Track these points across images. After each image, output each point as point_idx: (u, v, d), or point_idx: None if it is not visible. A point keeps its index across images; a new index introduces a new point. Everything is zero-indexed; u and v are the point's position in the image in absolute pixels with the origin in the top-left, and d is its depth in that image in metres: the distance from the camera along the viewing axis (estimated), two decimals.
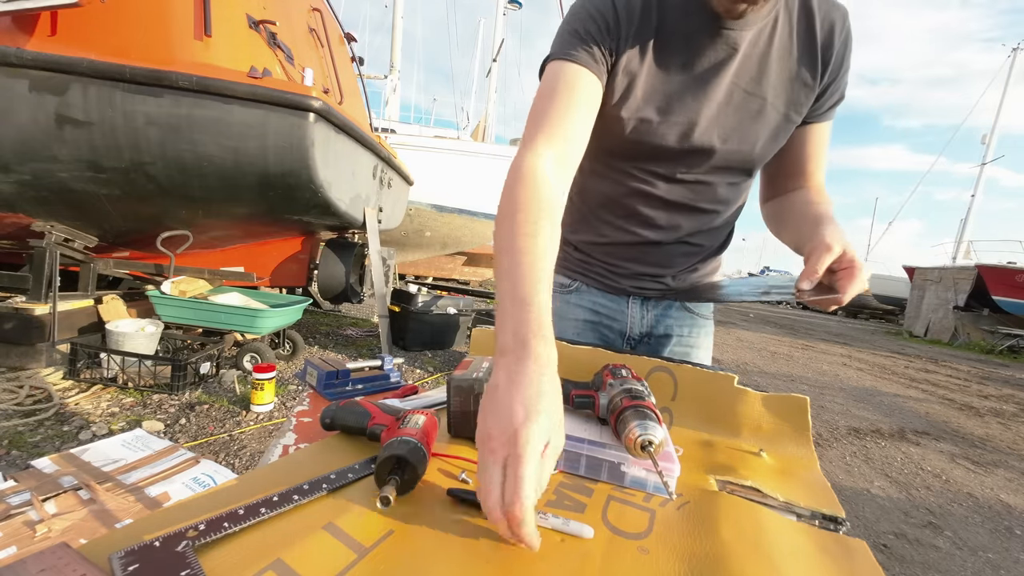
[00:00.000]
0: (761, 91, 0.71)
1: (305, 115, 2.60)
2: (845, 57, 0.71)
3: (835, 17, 0.70)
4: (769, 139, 0.74)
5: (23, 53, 2.32)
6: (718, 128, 0.72)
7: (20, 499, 1.27)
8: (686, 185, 0.78)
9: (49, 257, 2.68)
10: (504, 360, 0.45)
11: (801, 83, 0.71)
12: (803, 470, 0.62)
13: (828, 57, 0.70)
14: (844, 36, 0.71)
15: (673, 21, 0.68)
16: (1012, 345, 10.19)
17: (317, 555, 0.36)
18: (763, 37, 0.68)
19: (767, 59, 0.69)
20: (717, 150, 0.73)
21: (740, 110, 0.71)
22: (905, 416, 4.17)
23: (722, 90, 0.70)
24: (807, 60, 0.70)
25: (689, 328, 0.92)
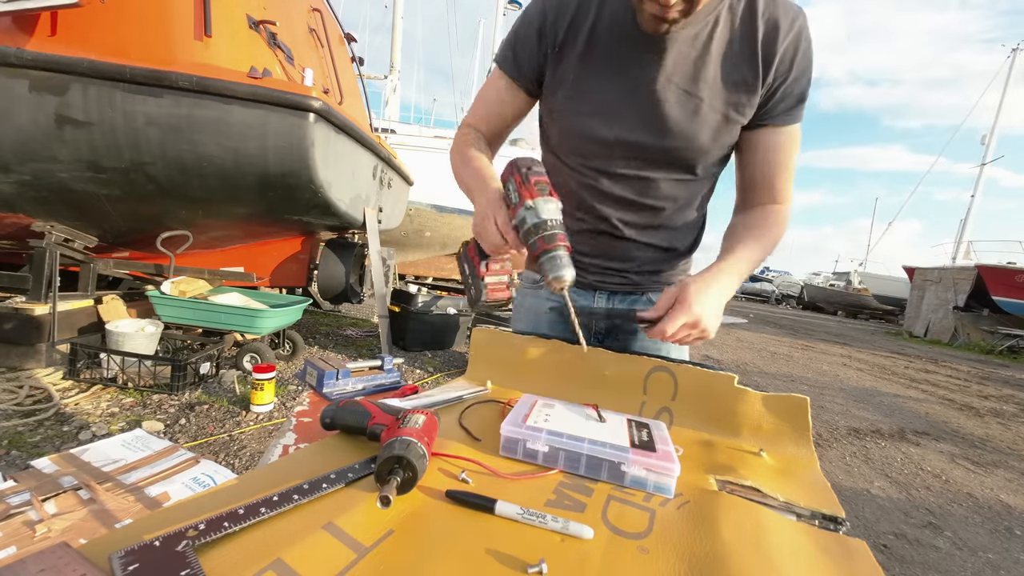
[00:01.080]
0: (697, 90, 0.73)
1: (305, 115, 2.60)
2: (796, 58, 0.72)
3: (780, 17, 0.71)
4: (709, 138, 0.76)
5: (23, 53, 2.32)
6: (649, 124, 0.75)
7: (20, 499, 1.26)
8: (627, 180, 0.81)
9: (49, 257, 2.67)
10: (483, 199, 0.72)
11: (741, 84, 0.73)
12: (803, 470, 0.62)
13: (770, 58, 0.71)
14: (793, 37, 0.71)
15: (608, 22, 0.74)
16: (1012, 345, 10.19)
17: (317, 555, 0.36)
18: (701, 38, 0.71)
19: (705, 59, 0.72)
20: (648, 145, 0.77)
21: (675, 108, 0.74)
22: (905, 416, 4.17)
23: (653, 88, 0.73)
24: (747, 61, 0.72)
25: None
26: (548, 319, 0.95)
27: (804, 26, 0.72)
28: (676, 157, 0.78)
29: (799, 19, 0.72)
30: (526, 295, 1.01)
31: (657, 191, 0.81)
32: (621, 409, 0.71)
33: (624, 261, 0.88)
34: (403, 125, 10.38)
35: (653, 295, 0.91)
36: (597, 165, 0.81)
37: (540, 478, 0.53)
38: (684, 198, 0.83)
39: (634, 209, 0.83)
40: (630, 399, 0.75)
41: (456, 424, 0.65)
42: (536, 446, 0.56)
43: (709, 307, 0.67)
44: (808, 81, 0.74)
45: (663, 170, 0.80)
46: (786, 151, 0.77)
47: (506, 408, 0.71)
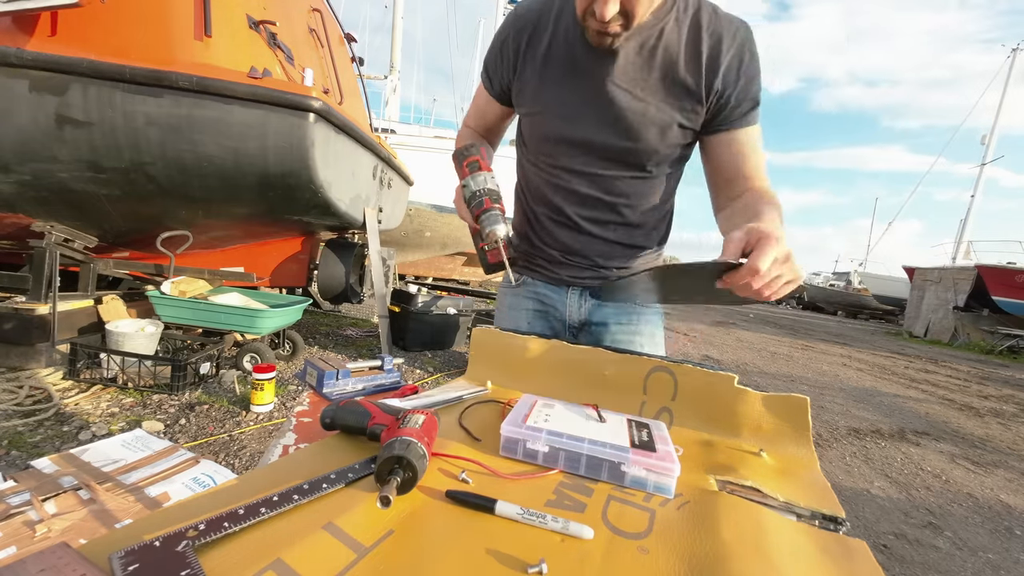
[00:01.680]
0: (644, 94, 0.80)
1: (305, 115, 2.60)
2: (741, 68, 0.77)
3: (724, 31, 0.77)
4: (656, 138, 0.82)
5: (23, 53, 2.32)
6: (601, 124, 0.82)
7: (20, 499, 1.26)
8: (586, 177, 0.88)
9: (49, 257, 2.67)
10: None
11: (684, 89, 0.79)
12: (803, 470, 0.62)
13: (716, 68, 0.77)
14: (736, 49, 0.77)
15: (563, 36, 0.82)
16: (1012, 345, 10.19)
17: (317, 555, 0.36)
18: (647, 47, 0.78)
19: (651, 66, 0.78)
20: (601, 143, 0.84)
21: (624, 110, 0.81)
22: (905, 416, 4.17)
23: (604, 91, 0.80)
24: (691, 70, 0.78)
25: (628, 317, 0.97)
26: (527, 316, 1.02)
27: (747, 38, 0.78)
28: (627, 155, 0.84)
29: (740, 31, 0.78)
30: (505, 294, 1.07)
31: (612, 187, 0.88)
32: (621, 409, 0.71)
33: (593, 257, 0.94)
34: (403, 125, 10.39)
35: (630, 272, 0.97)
36: (558, 163, 0.89)
37: (540, 478, 0.53)
38: (639, 194, 0.89)
39: (590, 204, 0.90)
40: (630, 399, 0.76)
41: (456, 424, 0.65)
42: (536, 446, 0.56)
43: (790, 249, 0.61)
44: (758, 87, 0.80)
45: (617, 168, 0.86)
46: (750, 147, 0.82)
47: (506, 408, 0.71)
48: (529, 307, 1.02)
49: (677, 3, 0.78)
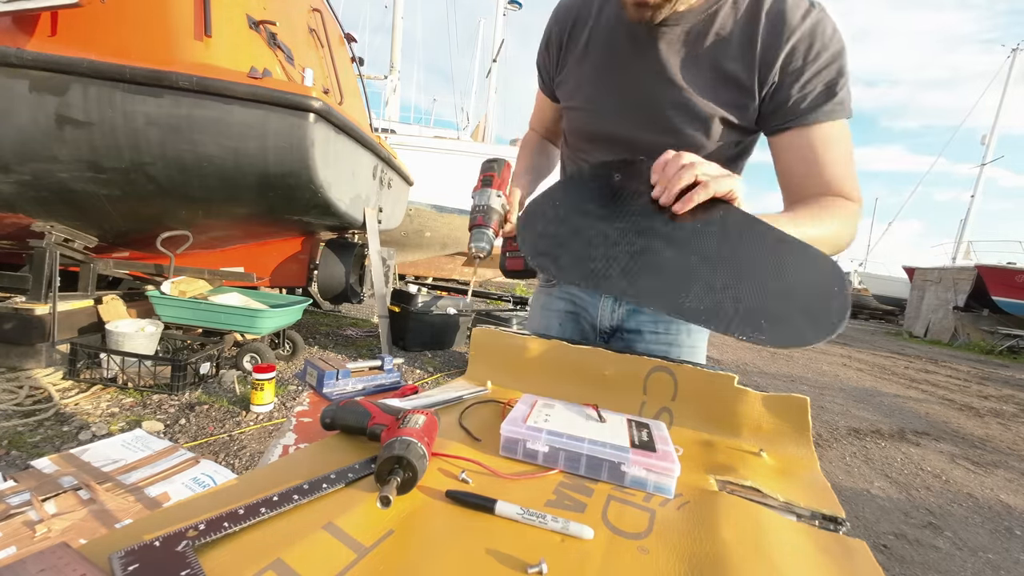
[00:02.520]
0: (685, 85, 0.72)
1: (305, 115, 2.60)
2: (809, 57, 0.67)
3: (788, 11, 0.67)
4: (699, 134, 0.74)
5: (23, 53, 2.32)
6: (633, 118, 0.77)
7: (20, 499, 1.26)
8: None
9: (49, 257, 2.67)
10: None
11: (734, 82, 0.70)
12: (803, 470, 0.62)
13: (773, 56, 0.67)
14: (803, 33, 0.67)
15: (603, 24, 0.78)
16: (1012, 345, 10.19)
17: (317, 555, 0.36)
18: (694, 34, 0.70)
19: (696, 55, 0.71)
20: (632, 138, 0.78)
21: (660, 103, 0.74)
22: (905, 416, 4.17)
23: (638, 83, 0.75)
24: (742, 59, 0.69)
25: (666, 325, 0.91)
26: (559, 318, 0.98)
27: (819, 19, 0.67)
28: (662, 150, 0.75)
29: (813, 12, 0.67)
30: (540, 294, 1.04)
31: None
32: (621, 409, 0.71)
33: None
34: (403, 125, 10.40)
35: None
36: (590, 158, 0.86)
37: (540, 478, 0.53)
38: None
39: None
40: (630, 399, 0.75)
41: (456, 424, 0.65)
42: (536, 446, 0.56)
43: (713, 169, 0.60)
44: (836, 73, 0.68)
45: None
46: (826, 149, 0.70)
47: (506, 408, 0.71)
48: (561, 308, 0.97)
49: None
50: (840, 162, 0.70)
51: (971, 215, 17.95)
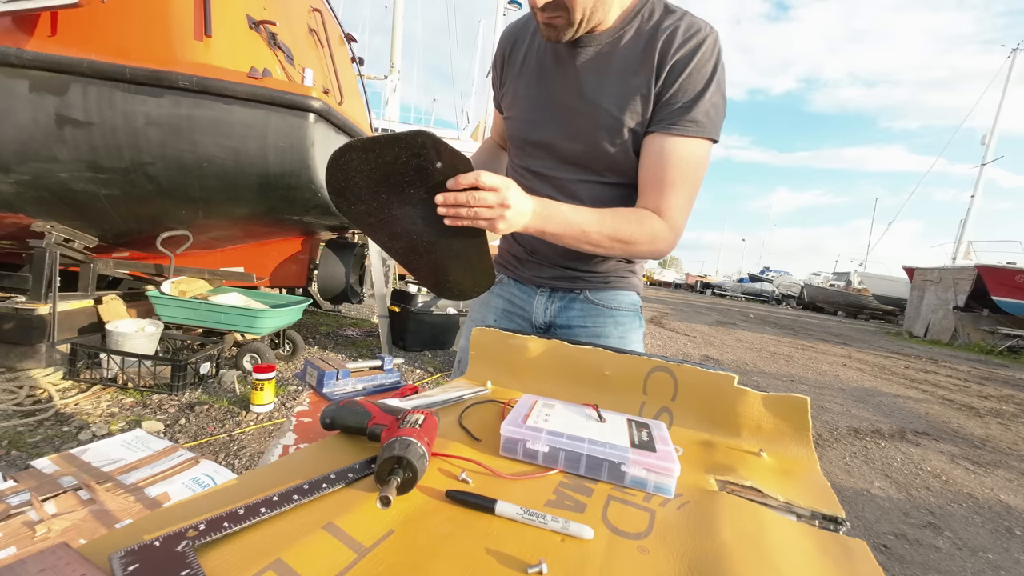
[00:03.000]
0: (596, 98, 0.80)
1: (305, 115, 2.60)
2: (686, 70, 0.74)
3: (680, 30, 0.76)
4: (610, 144, 0.81)
5: (23, 53, 2.32)
6: (555, 128, 0.86)
7: (20, 499, 1.26)
8: (547, 180, 0.89)
9: (49, 257, 2.67)
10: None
11: (637, 92, 0.78)
12: (803, 470, 0.62)
13: (663, 66, 0.76)
14: (689, 50, 0.75)
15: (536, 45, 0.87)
16: (1012, 345, 10.19)
17: (317, 555, 0.36)
18: (604, 53, 0.79)
19: (607, 72, 0.79)
20: (554, 146, 0.87)
21: (575, 114, 0.83)
22: (905, 416, 4.17)
23: (559, 96, 0.84)
24: (644, 71, 0.77)
25: (593, 320, 0.96)
26: (495, 314, 1.04)
27: (705, 43, 0.75)
28: (583, 159, 0.85)
29: (701, 34, 0.75)
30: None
31: (572, 191, 0.88)
32: (621, 409, 0.71)
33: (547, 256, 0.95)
34: (403, 125, 10.39)
35: (591, 293, 0.96)
36: (524, 164, 0.93)
37: (540, 478, 0.53)
38: (600, 200, 0.86)
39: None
40: (630, 399, 0.75)
41: (456, 424, 0.65)
42: (536, 446, 0.56)
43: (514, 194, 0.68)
44: (697, 95, 0.75)
45: (576, 172, 0.87)
46: (676, 164, 0.77)
47: (506, 408, 0.71)
48: (499, 305, 1.03)
49: (642, 11, 0.78)
50: (669, 180, 0.78)
51: (971, 215, 17.95)
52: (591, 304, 0.96)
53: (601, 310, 0.96)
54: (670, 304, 16.42)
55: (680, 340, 7.44)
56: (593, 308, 0.96)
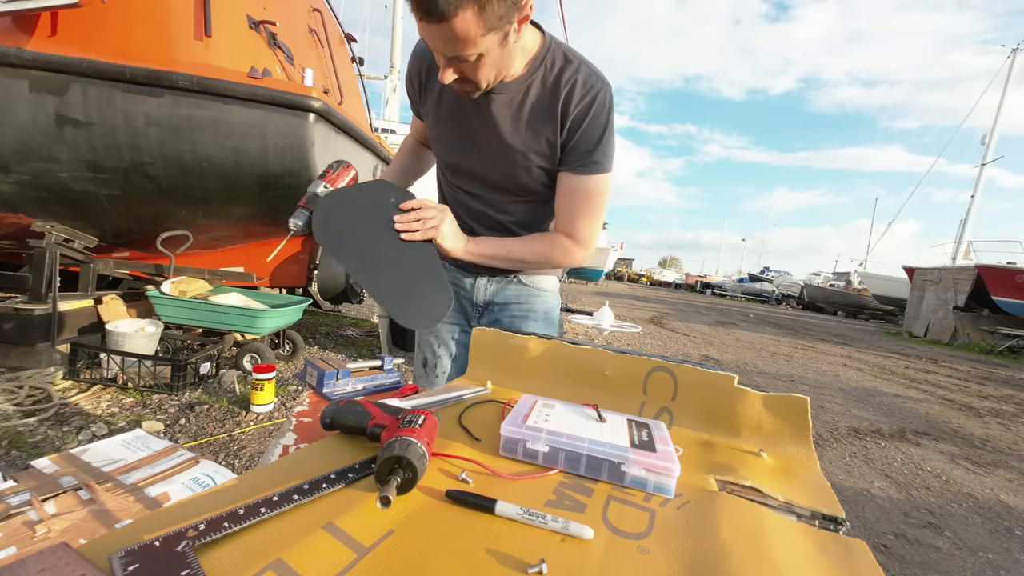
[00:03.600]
0: (512, 141, 0.92)
1: (305, 115, 2.60)
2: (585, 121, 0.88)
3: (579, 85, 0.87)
4: (525, 176, 0.96)
5: (23, 53, 2.32)
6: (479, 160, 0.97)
7: (20, 499, 1.26)
8: (477, 197, 1.02)
9: (49, 257, 2.67)
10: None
11: (544, 137, 0.91)
12: (803, 470, 0.62)
13: (566, 117, 0.89)
14: (586, 103, 0.87)
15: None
16: (1012, 345, 10.19)
17: (317, 555, 0.36)
18: (515, 101, 0.90)
19: (519, 116, 0.91)
20: (484, 175, 0.99)
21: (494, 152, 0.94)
22: (905, 416, 4.17)
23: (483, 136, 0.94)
24: (550, 120, 0.90)
25: (527, 299, 1.11)
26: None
27: (598, 97, 0.87)
28: (505, 186, 0.99)
29: (595, 90, 0.87)
30: None
31: (499, 207, 1.01)
32: (621, 409, 0.71)
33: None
34: (403, 125, 10.39)
35: (523, 277, 1.10)
36: (455, 182, 1.04)
37: (540, 478, 0.53)
38: (524, 213, 1.02)
39: (483, 218, 1.04)
40: (630, 399, 0.76)
41: (456, 424, 0.65)
42: (536, 446, 0.56)
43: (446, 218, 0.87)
44: (597, 142, 0.89)
45: (500, 193, 1.00)
46: (579, 196, 0.93)
47: (506, 408, 0.71)
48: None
49: (545, 61, 0.88)
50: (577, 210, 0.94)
51: (971, 215, 17.94)
52: (523, 286, 1.11)
53: (532, 291, 1.11)
54: (670, 304, 16.42)
55: (680, 340, 7.44)
56: (525, 289, 1.11)
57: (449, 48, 0.74)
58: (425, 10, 0.69)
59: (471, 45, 0.74)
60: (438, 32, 0.72)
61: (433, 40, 0.75)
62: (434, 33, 0.73)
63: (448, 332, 1.17)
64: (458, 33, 0.71)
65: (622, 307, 12.29)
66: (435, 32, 0.72)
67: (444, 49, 0.75)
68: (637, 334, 7.00)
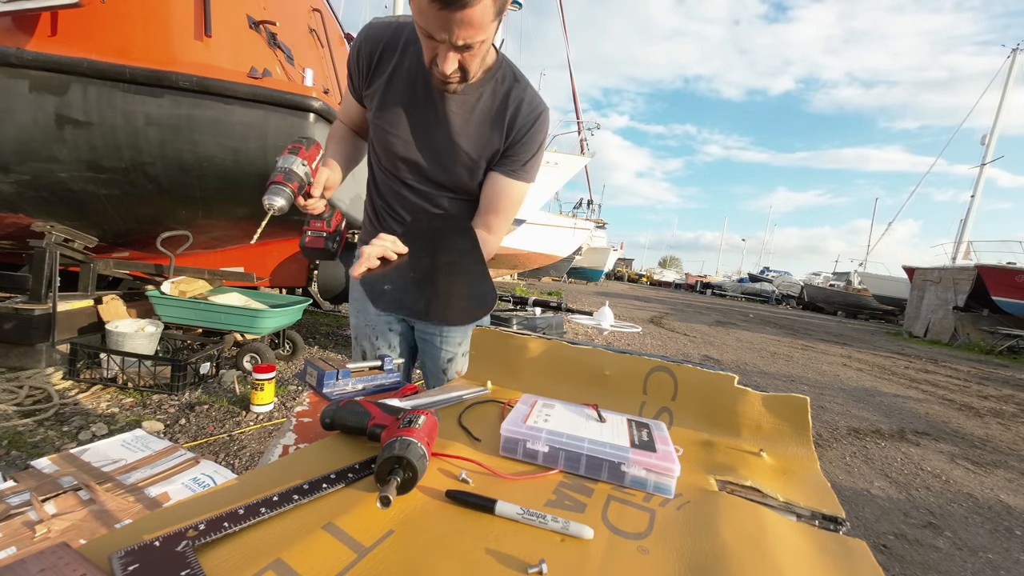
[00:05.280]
0: (460, 142, 0.98)
1: (305, 115, 2.60)
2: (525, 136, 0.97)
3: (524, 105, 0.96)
4: (467, 177, 1.01)
5: (23, 53, 2.31)
6: (424, 153, 1.00)
7: (20, 499, 1.26)
8: (414, 190, 1.05)
9: (49, 257, 2.67)
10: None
11: (489, 143, 0.98)
12: (803, 470, 0.62)
13: (511, 130, 0.97)
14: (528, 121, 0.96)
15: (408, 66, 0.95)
16: (1012, 345, 10.18)
17: (317, 555, 0.36)
18: (468, 105, 0.95)
19: (468, 121, 0.96)
20: (422, 167, 1.02)
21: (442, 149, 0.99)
22: (905, 416, 4.17)
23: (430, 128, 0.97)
24: (497, 129, 0.97)
25: None
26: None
27: (540, 117, 0.98)
28: (445, 183, 1.03)
29: (537, 111, 0.97)
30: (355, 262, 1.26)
31: (435, 202, 1.05)
32: (621, 409, 0.71)
33: None
34: None
35: None
36: (394, 172, 1.05)
37: (540, 478, 0.53)
38: (456, 209, 1.07)
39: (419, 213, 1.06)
40: (630, 399, 0.76)
41: (456, 424, 0.65)
42: (536, 446, 0.56)
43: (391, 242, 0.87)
44: (531, 155, 0.99)
45: (438, 189, 1.04)
46: (506, 198, 1.01)
47: (506, 408, 0.71)
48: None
49: (496, 75, 0.95)
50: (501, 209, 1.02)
51: (971, 215, 17.94)
52: None
53: None
54: (670, 304, 16.42)
55: (680, 340, 7.44)
56: None
57: (464, 35, 0.74)
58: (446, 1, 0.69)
59: (483, 31, 0.75)
60: (458, 19, 0.71)
61: (447, 27, 0.74)
62: (451, 20, 0.72)
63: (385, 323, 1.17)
64: (475, 19, 0.72)
65: (622, 307, 12.29)
66: (454, 19, 0.72)
67: (458, 36, 0.75)
68: (637, 334, 7.01)
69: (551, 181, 12.34)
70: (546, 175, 11.21)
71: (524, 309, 5.12)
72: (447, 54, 0.79)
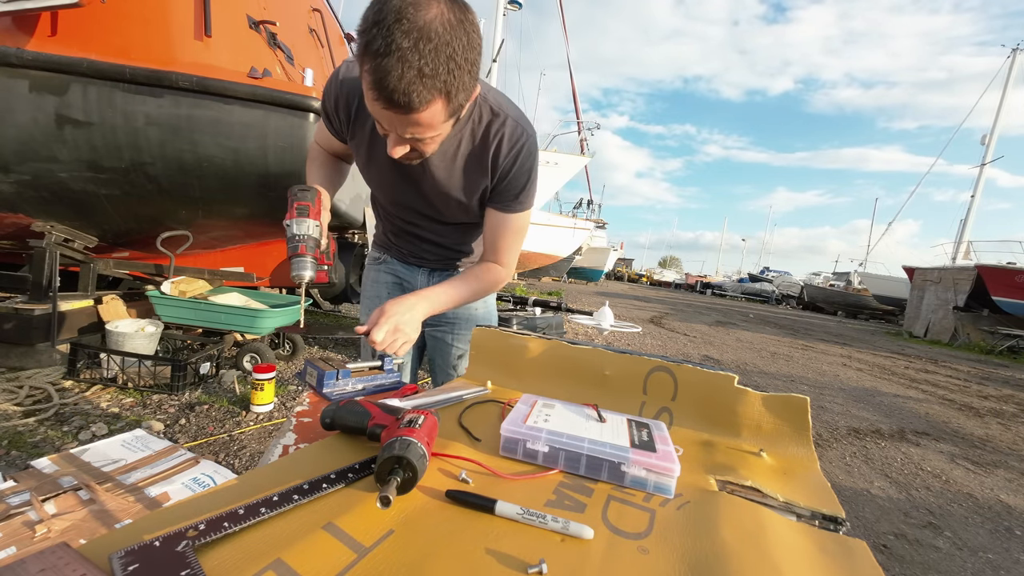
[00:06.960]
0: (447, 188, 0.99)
1: (305, 115, 2.60)
2: (512, 169, 0.96)
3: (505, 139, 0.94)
4: (458, 212, 1.04)
5: (23, 53, 2.31)
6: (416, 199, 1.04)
7: (20, 499, 1.26)
8: (419, 227, 1.11)
9: (49, 257, 2.67)
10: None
11: (476, 182, 0.99)
12: (803, 470, 0.62)
13: (496, 166, 0.96)
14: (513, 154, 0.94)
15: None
16: (1012, 345, 10.18)
17: (317, 555, 0.36)
18: (449, 153, 0.95)
19: (452, 167, 0.97)
20: (419, 209, 1.07)
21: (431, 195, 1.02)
22: (905, 416, 4.17)
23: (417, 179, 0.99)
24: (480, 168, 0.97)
25: None
26: (388, 288, 1.23)
27: (524, 147, 0.95)
28: (443, 219, 1.08)
29: (521, 141, 0.94)
30: (370, 271, 1.28)
31: (441, 233, 1.12)
32: (621, 409, 0.71)
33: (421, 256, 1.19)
34: None
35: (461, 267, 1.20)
36: (398, 214, 1.12)
37: (540, 478, 0.53)
38: (457, 234, 1.13)
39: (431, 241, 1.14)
40: (630, 399, 0.76)
41: (456, 424, 0.65)
42: (536, 446, 0.56)
43: (405, 318, 0.88)
44: (523, 187, 0.98)
45: (440, 224, 1.10)
46: (508, 231, 1.03)
47: (506, 408, 0.71)
48: (388, 280, 1.24)
49: (472, 117, 0.93)
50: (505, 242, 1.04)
51: (971, 215, 17.94)
52: None
53: None
54: (670, 304, 16.42)
55: (680, 340, 7.44)
56: None
57: (413, 131, 0.73)
58: (391, 102, 0.66)
59: (432, 130, 0.73)
60: (401, 120, 0.70)
61: (391, 124, 0.73)
62: (394, 120, 0.70)
63: None
64: (423, 121, 0.70)
65: (622, 307, 12.29)
66: (397, 120, 0.70)
67: (407, 132, 0.73)
68: (637, 334, 7.00)
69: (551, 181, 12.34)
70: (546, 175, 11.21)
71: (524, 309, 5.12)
72: (394, 142, 0.77)
